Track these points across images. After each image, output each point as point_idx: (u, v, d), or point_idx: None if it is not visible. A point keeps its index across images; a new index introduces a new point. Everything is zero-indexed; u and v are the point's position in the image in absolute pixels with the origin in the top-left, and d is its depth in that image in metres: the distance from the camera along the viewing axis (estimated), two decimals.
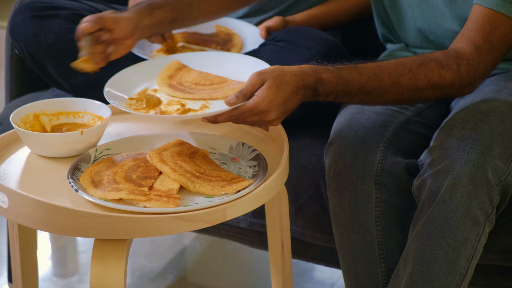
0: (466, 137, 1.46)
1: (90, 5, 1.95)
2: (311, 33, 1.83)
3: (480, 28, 1.53)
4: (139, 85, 1.57)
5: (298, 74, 1.43)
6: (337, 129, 1.61)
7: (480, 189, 1.43)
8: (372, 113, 1.62)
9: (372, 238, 1.53)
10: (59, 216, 1.25)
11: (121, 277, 1.27)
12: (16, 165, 1.44)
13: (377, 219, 1.53)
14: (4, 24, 3.14)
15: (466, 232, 1.42)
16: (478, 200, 1.43)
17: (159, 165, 1.38)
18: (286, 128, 1.54)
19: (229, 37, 1.98)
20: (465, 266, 1.43)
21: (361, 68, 1.48)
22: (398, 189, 1.54)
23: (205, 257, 2.33)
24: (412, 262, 1.44)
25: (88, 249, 2.36)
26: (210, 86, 1.55)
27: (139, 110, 1.47)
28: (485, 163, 1.44)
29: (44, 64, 1.86)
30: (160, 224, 1.25)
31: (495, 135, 1.48)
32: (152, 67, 1.62)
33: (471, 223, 1.43)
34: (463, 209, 1.42)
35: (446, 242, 1.42)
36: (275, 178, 1.36)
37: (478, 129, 1.48)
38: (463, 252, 1.42)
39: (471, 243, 1.43)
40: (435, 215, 1.43)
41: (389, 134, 1.58)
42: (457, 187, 1.42)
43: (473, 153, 1.44)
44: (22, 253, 1.54)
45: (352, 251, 1.54)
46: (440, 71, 1.50)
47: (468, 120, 1.50)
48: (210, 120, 1.42)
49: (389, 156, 1.55)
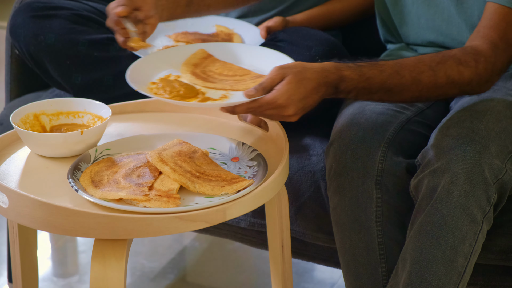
0: (462, 136, 1.46)
1: (90, 5, 1.95)
2: (311, 33, 1.83)
3: (496, 26, 1.53)
4: (162, 71, 1.58)
5: (320, 71, 1.43)
6: (338, 129, 1.61)
7: (477, 187, 1.43)
8: (373, 113, 1.62)
9: (372, 238, 1.53)
10: (59, 216, 1.25)
11: (121, 277, 1.27)
12: (16, 165, 1.44)
13: (378, 219, 1.53)
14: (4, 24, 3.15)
15: (463, 230, 1.42)
16: (475, 198, 1.43)
17: (159, 165, 1.38)
18: (286, 128, 1.54)
19: (229, 37, 1.98)
20: (463, 265, 1.43)
21: (382, 65, 1.48)
22: (399, 189, 1.54)
23: (205, 257, 2.33)
24: (410, 261, 1.44)
25: (88, 249, 2.36)
26: (233, 77, 1.56)
27: (160, 95, 1.48)
28: (482, 161, 1.44)
29: (44, 64, 1.86)
30: (160, 224, 1.25)
31: (491, 133, 1.48)
32: (177, 54, 1.63)
33: (469, 221, 1.43)
34: (460, 208, 1.42)
35: (443, 241, 1.42)
36: (275, 178, 1.36)
37: (474, 128, 1.48)
38: (461, 250, 1.42)
39: (469, 242, 1.43)
40: (432, 214, 1.43)
41: (390, 134, 1.58)
42: (454, 185, 1.42)
43: (470, 152, 1.44)
44: (22, 253, 1.54)
45: (353, 251, 1.54)
46: (459, 68, 1.51)
47: (465, 119, 1.50)
48: (229, 110, 1.43)
49: (389, 156, 1.55)
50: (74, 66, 1.84)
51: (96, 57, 1.84)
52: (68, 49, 1.84)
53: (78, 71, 1.84)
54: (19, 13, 1.87)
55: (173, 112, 1.65)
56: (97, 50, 1.85)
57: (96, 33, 1.86)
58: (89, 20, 1.89)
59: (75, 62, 1.84)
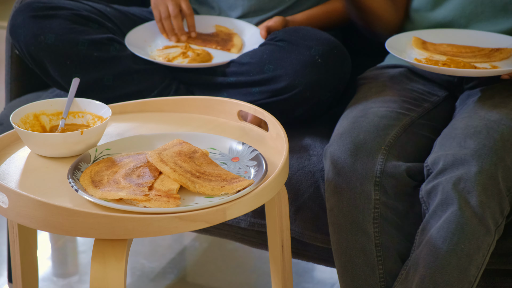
0: (480, 147, 1.49)
1: (90, 5, 1.95)
2: (311, 33, 1.83)
3: None
4: None
5: None
6: (339, 131, 1.61)
7: (491, 199, 1.45)
8: (376, 116, 1.62)
9: (369, 240, 1.53)
10: (59, 216, 1.25)
11: (121, 277, 1.27)
12: (16, 165, 1.44)
13: (375, 221, 1.53)
14: (4, 24, 3.15)
15: (479, 240, 1.44)
16: (490, 209, 1.45)
17: (159, 165, 1.38)
18: (286, 128, 1.54)
19: (229, 37, 1.98)
20: (474, 274, 1.44)
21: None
22: (398, 191, 1.55)
23: (205, 257, 2.33)
24: (424, 266, 1.44)
25: (88, 249, 2.36)
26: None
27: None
28: (498, 173, 1.47)
29: (44, 64, 1.86)
30: (160, 224, 1.25)
31: (507, 144, 1.52)
32: None
33: (485, 232, 1.44)
34: (477, 218, 1.44)
35: (460, 248, 1.43)
36: (275, 178, 1.36)
37: (491, 138, 1.51)
38: (475, 260, 1.44)
39: (483, 252, 1.45)
40: (451, 221, 1.44)
41: (391, 137, 1.58)
42: (470, 196, 1.44)
43: (487, 164, 1.47)
44: (22, 253, 1.54)
45: (349, 252, 1.54)
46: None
47: (481, 131, 1.53)
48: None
49: (390, 158, 1.55)
50: (74, 66, 1.84)
51: (96, 57, 1.84)
52: (68, 49, 1.84)
53: (78, 71, 1.84)
54: (19, 13, 1.87)
55: (173, 112, 1.65)
56: (97, 50, 1.85)
57: (96, 33, 1.87)
58: (89, 20, 1.89)
59: (75, 62, 1.84)
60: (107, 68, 1.86)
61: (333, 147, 1.58)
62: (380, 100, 1.70)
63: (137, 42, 1.94)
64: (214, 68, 1.88)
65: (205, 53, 1.90)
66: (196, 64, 1.86)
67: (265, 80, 1.80)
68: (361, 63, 2.00)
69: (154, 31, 2.00)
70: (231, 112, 1.61)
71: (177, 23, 1.96)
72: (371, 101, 1.70)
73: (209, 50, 1.94)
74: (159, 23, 1.98)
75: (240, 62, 1.86)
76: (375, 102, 1.69)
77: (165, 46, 1.95)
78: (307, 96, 1.77)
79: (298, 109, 1.79)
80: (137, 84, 1.86)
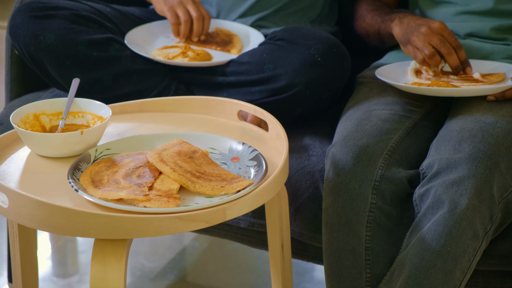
0: (474, 151, 1.49)
1: (90, 5, 1.95)
2: (310, 32, 1.83)
3: None
4: None
5: None
6: (343, 133, 1.61)
7: (483, 203, 1.45)
8: (379, 119, 1.62)
9: (360, 243, 1.52)
10: (59, 216, 1.25)
11: (121, 277, 1.27)
12: (16, 165, 1.44)
13: (368, 225, 1.52)
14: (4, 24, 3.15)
15: (466, 244, 1.43)
16: (480, 214, 1.44)
17: (159, 165, 1.37)
18: (286, 128, 1.54)
19: (229, 38, 1.98)
20: (459, 278, 1.43)
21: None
22: (395, 197, 1.54)
23: (205, 257, 2.33)
24: (409, 267, 1.44)
25: (88, 249, 2.36)
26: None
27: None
28: (491, 178, 1.46)
29: (44, 64, 1.86)
30: (160, 224, 1.25)
31: (501, 149, 1.51)
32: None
33: (472, 235, 1.44)
34: (466, 221, 1.43)
35: (446, 251, 1.42)
36: (275, 178, 1.36)
37: (485, 142, 1.51)
38: (460, 263, 1.43)
39: (468, 256, 1.44)
40: (439, 223, 1.43)
41: (394, 142, 1.58)
42: (463, 198, 1.44)
43: (481, 168, 1.46)
44: (22, 253, 1.54)
45: (339, 253, 1.54)
46: None
47: (476, 134, 1.53)
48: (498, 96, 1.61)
49: (391, 164, 1.55)
50: (74, 66, 1.84)
51: (95, 57, 1.84)
52: (67, 49, 1.84)
53: (77, 71, 1.84)
54: (19, 13, 1.87)
55: (173, 112, 1.65)
56: (96, 50, 1.85)
57: (96, 33, 1.86)
58: (89, 20, 1.88)
59: (74, 62, 1.84)
60: (106, 68, 1.86)
61: (336, 148, 1.58)
62: (383, 102, 1.70)
63: (137, 42, 1.94)
64: (213, 68, 1.88)
65: (205, 53, 1.90)
66: (196, 62, 1.85)
67: (265, 79, 1.80)
68: (361, 62, 2.00)
69: (154, 31, 2.00)
70: (231, 112, 1.61)
71: (198, 26, 1.94)
72: (374, 102, 1.70)
73: (209, 51, 1.94)
74: (175, 25, 1.94)
75: (240, 61, 1.86)
76: (378, 104, 1.69)
77: (165, 46, 1.95)
78: (307, 95, 1.77)
79: (298, 108, 1.79)
80: (136, 84, 1.86)
